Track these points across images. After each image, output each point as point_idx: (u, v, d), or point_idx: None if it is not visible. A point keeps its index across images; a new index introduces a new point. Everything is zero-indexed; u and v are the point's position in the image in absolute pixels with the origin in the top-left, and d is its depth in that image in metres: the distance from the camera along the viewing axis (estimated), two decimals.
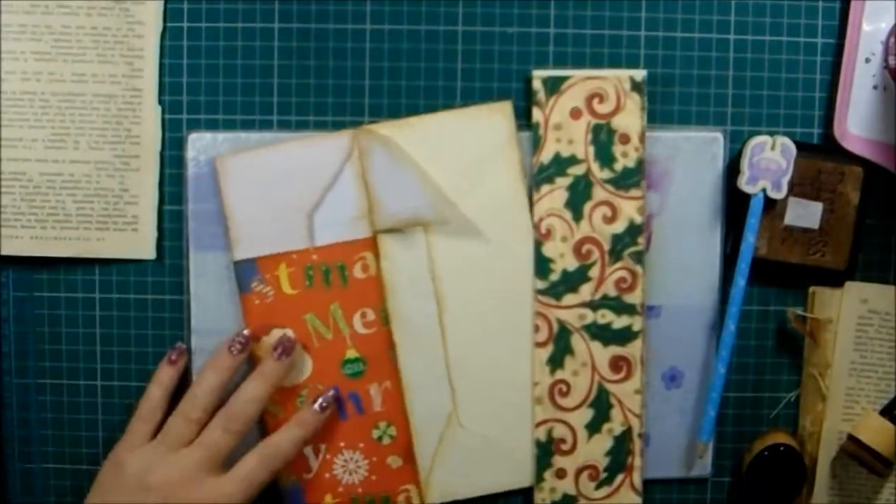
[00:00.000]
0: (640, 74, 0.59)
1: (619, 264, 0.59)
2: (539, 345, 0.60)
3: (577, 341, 0.60)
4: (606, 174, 0.59)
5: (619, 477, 0.61)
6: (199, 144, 0.59)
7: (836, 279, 0.60)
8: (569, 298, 0.60)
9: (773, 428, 0.62)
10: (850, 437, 0.59)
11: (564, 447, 0.60)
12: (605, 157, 0.59)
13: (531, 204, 0.59)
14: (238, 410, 0.56)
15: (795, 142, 0.59)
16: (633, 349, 0.60)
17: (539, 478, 0.61)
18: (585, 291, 0.60)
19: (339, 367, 0.60)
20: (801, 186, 0.59)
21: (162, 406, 0.58)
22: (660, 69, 0.60)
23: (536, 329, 0.60)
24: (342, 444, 0.60)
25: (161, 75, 0.59)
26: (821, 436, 0.60)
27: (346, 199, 0.59)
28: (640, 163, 0.59)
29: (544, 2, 0.60)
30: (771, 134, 0.60)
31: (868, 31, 0.59)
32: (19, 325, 0.61)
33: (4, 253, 0.60)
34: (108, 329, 0.61)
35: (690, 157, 0.60)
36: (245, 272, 0.59)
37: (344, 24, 0.60)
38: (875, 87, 0.60)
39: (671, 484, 0.62)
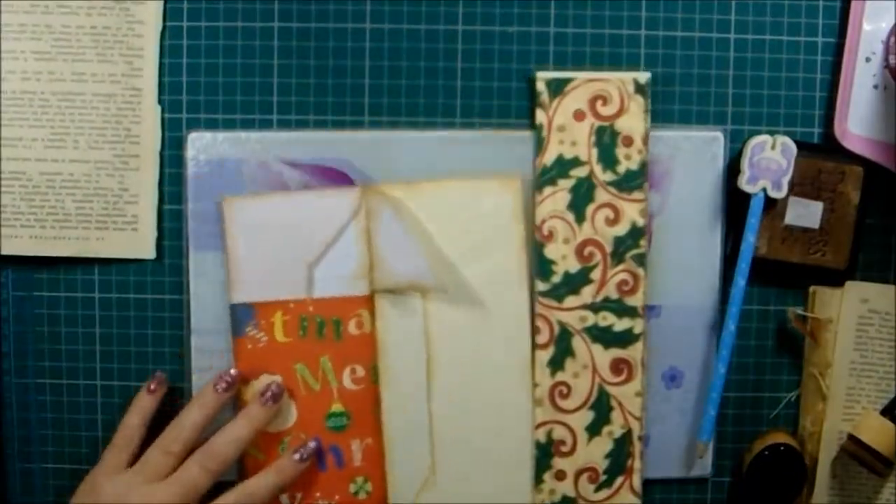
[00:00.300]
0: (643, 77, 0.59)
1: (620, 267, 0.59)
2: (540, 346, 0.60)
3: (578, 343, 0.60)
4: (609, 176, 0.59)
5: (619, 479, 0.61)
6: (199, 144, 0.59)
7: (836, 279, 0.60)
8: (570, 300, 0.60)
9: (774, 428, 0.62)
10: (851, 437, 0.59)
11: (564, 449, 0.60)
12: (609, 160, 0.59)
13: (529, 280, 0.60)
14: (218, 450, 0.56)
15: (796, 141, 0.59)
16: (634, 352, 0.60)
17: (538, 479, 0.61)
18: (587, 293, 0.60)
19: (324, 419, 0.60)
20: (802, 186, 0.59)
21: (139, 434, 0.58)
22: (660, 68, 0.60)
23: (537, 331, 0.60)
24: (318, 495, 0.60)
25: (161, 74, 0.59)
26: (821, 435, 0.60)
27: (348, 255, 0.59)
28: (643, 165, 0.59)
29: (544, 1, 0.60)
30: (771, 133, 0.60)
31: (868, 31, 0.59)
32: (19, 324, 0.61)
33: (4, 252, 0.60)
34: (108, 329, 0.61)
35: (691, 156, 0.60)
36: (241, 315, 0.59)
37: (344, 24, 0.60)
38: (875, 87, 0.59)
39: (671, 484, 0.62)
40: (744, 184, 0.58)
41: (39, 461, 0.62)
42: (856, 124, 0.60)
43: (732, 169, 0.60)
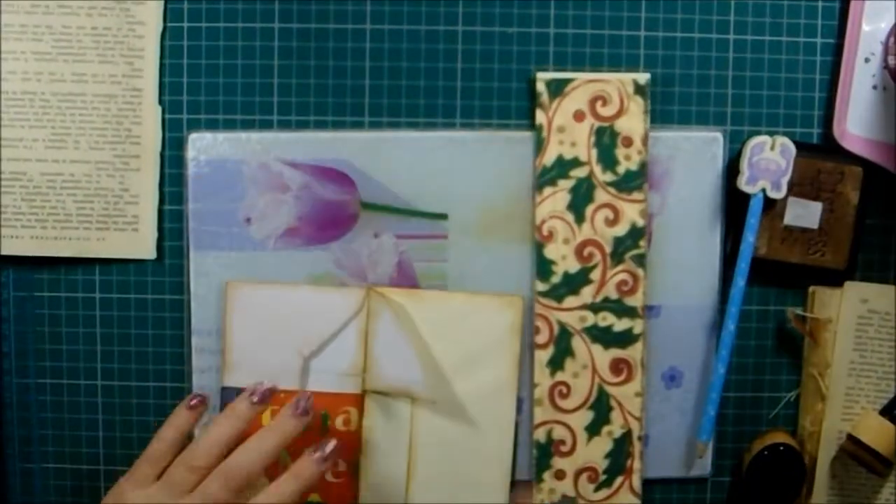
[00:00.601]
0: (643, 78, 0.59)
1: (620, 267, 0.59)
2: (539, 346, 0.60)
3: (578, 343, 0.60)
4: (609, 177, 0.59)
5: (619, 479, 0.61)
6: (200, 144, 0.59)
7: (836, 279, 0.60)
8: (570, 300, 0.60)
9: (773, 428, 0.62)
10: (850, 437, 0.59)
11: (564, 448, 0.60)
12: (608, 160, 0.59)
13: (518, 395, 0.60)
14: (241, 464, 0.53)
15: (795, 142, 0.59)
16: (634, 352, 0.60)
17: (539, 478, 0.61)
18: (587, 294, 0.60)
19: None
20: (801, 186, 0.59)
21: (173, 450, 0.54)
22: (660, 69, 0.60)
23: (537, 331, 0.60)
24: None
25: (161, 75, 0.59)
26: (820, 435, 0.60)
27: (344, 353, 0.60)
28: (643, 165, 0.59)
29: (544, 2, 0.60)
30: (771, 134, 0.60)
31: (867, 31, 0.59)
32: (19, 324, 0.61)
33: (5, 253, 0.60)
34: (109, 329, 0.61)
35: (690, 157, 0.60)
36: (230, 399, 0.58)
37: (344, 24, 0.60)
38: (874, 87, 0.60)
39: (671, 484, 0.63)
40: (743, 184, 0.58)
41: (40, 461, 0.62)
42: (855, 125, 0.60)
43: (732, 169, 0.60)
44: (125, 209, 0.60)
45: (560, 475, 0.61)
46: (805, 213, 0.60)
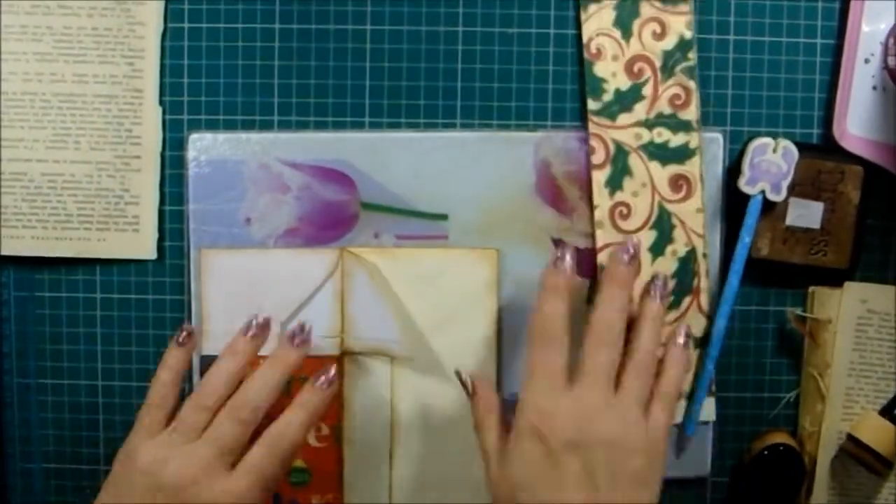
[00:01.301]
0: None
1: (671, 81, 0.58)
2: (596, 167, 0.59)
3: (635, 161, 0.58)
4: None
5: (686, 300, 0.59)
6: (200, 145, 0.60)
7: (838, 279, 0.60)
8: (623, 118, 0.58)
9: (773, 428, 0.62)
10: (850, 437, 0.59)
11: None
12: None
13: (497, 352, 0.60)
14: (247, 398, 0.52)
15: (795, 142, 0.59)
16: (692, 167, 0.59)
17: None
18: (640, 110, 0.58)
19: (286, 474, 0.58)
20: (802, 186, 0.59)
21: (174, 391, 0.54)
22: None
23: (592, 150, 0.59)
24: None
25: (162, 76, 0.60)
26: (820, 435, 0.60)
27: (320, 315, 0.60)
28: None
29: (544, 2, 0.60)
30: (771, 134, 0.60)
31: (867, 32, 0.59)
32: (20, 324, 0.61)
33: (5, 253, 0.60)
34: (109, 329, 0.61)
35: None
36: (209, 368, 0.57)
37: (344, 25, 0.60)
38: (874, 88, 0.60)
39: (670, 483, 0.62)
40: (743, 185, 0.58)
41: (40, 461, 0.62)
42: (855, 125, 0.60)
43: (733, 170, 0.60)
44: (126, 209, 0.60)
45: None
46: (806, 214, 0.60)
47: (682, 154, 0.59)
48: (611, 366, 0.51)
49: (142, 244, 0.60)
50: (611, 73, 0.59)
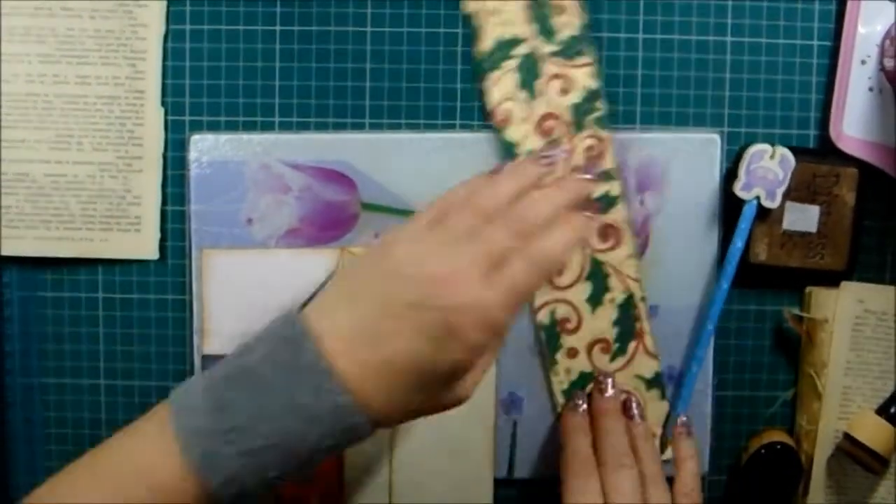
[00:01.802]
0: None
1: (584, 133, 0.59)
2: None
3: None
4: (551, 47, 0.59)
5: (632, 345, 0.60)
6: (202, 146, 0.60)
7: (836, 281, 0.61)
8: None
9: (770, 426, 0.62)
10: (847, 436, 0.59)
11: (570, 326, 0.60)
12: (547, 31, 0.59)
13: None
14: (527, 214, 0.46)
15: (789, 146, 0.59)
16: (617, 214, 0.59)
17: (552, 360, 0.60)
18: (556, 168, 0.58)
19: None
20: (798, 191, 0.60)
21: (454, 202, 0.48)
22: (658, 71, 0.61)
23: None
24: None
25: (164, 77, 0.60)
26: (817, 434, 0.61)
27: None
28: (583, 28, 0.59)
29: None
30: (768, 136, 0.60)
31: (864, 34, 0.60)
32: (23, 324, 0.62)
33: (8, 253, 0.60)
34: (112, 329, 0.61)
35: (688, 158, 0.61)
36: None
37: (345, 27, 0.60)
38: (871, 90, 0.60)
39: (669, 482, 0.63)
40: (738, 189, 0.59)
41: (44, 460, 0.62)
42: (851, 127, 0.60)
43: (732, 173, 0.60)
44: (128, 210, 0.60)
45: (572, 353, 0.60)
46: (803, 217, 0.60)
47: (606, 203, 0.59)
48: (636, 489, 0.56)
49: (144, 244, 0.60)
50: (522, 135, 0.59)
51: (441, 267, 0.44)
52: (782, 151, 0.58)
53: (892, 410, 0.60)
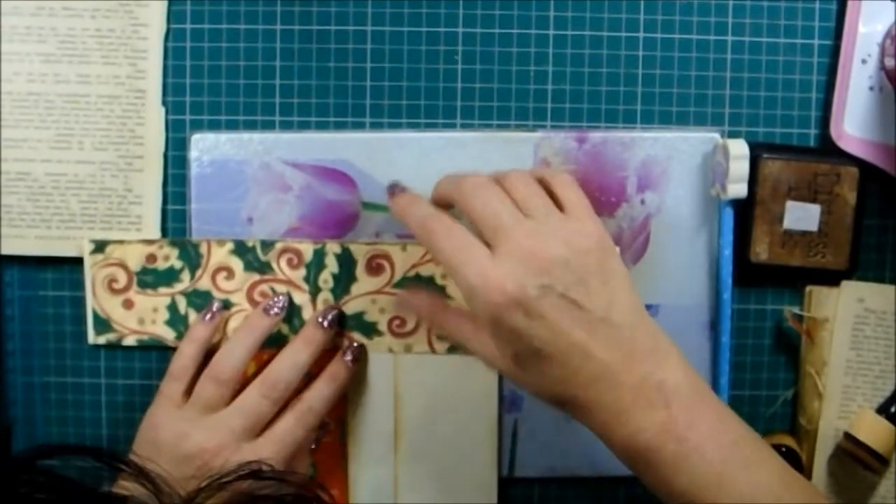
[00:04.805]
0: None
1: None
2: None
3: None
4: None
5: None
6: (202, 145, 0.60)
7: (837, 280, 0.61)
8: None
9: (773, 430, 0.62)
10: (847, 435, 0.59)
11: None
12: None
13: None
14: (279, 376, 0.53)
15: (790, 145, 0.59)
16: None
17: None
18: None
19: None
20: (798, 190, 0.60)
21: (195, 364, 0.55)
22: (658, 70, 0.61)
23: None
24: None
25: (164, 76, 0.60)
26: (817, 434, 0.61)
27: None
28: None
29: (544, 3, 0.60)
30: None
31: (864, 33, 0.59)
32: (24, 323, 0.62)
33: (9, 252, 0.60)
34: None
35: (688, 157, 0.61)
36: None
37: (345, 26, 0.60)
38: (871, 89, 0.60)
39: None
40: (710, 189, 0.60)
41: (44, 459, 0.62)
42: (852, 126, 0.60)
43: None
44: (129, 209, 0.60)
45: None
46: (804, 216, 0.60)
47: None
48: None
49: None
50: None
51: (207, 440, 0.51)
52: (723, 141, 0.59)
53: (893, 410, 0.60)
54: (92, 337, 0.60)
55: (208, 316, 0.57)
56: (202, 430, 0.52)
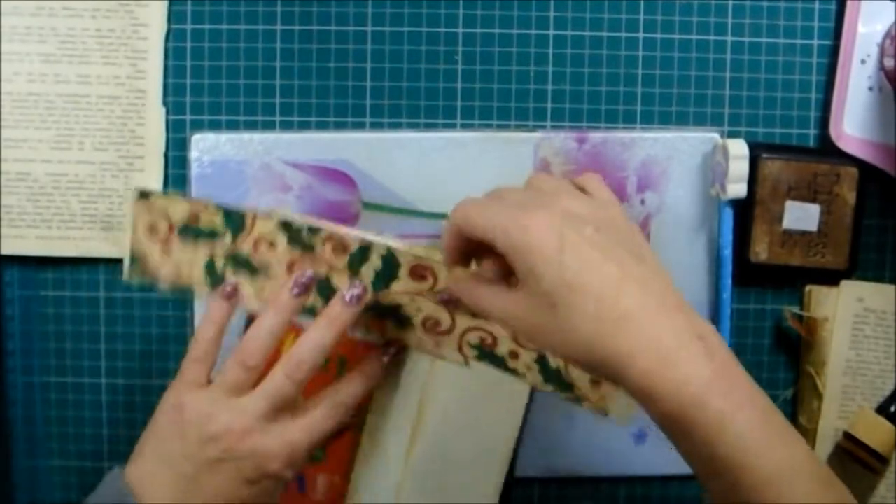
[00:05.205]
0: None
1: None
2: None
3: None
4: None
5: None
6: (203, 145, 0.60)
7: (836, 280, 0.61)
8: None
9: None
10: (847, 435, 0.59)
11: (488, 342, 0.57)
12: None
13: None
14: (302, 358, 0.52)
15: (789, 145, 0.59)
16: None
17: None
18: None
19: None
20: (798, 189, 0.60)
21: (216, 345, 0.54)
22: (658, 70, 0.61)
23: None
24: None
25: (165, 77, 0.60)
26: (817, 433, 0.61)
27: None
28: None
29: (543, 3, 0.60)
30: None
31: (864, 33, 0.60)
32: (24, 323, 0.62)
33: (10, 252, 0.60)
34: (113, 327, 0.62)
35: (688, 157, 0.61)
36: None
37: (345, 26, 0.60)
38: (871, 89, 0.60)
39: (671, 481, 0.63)
40: (710, 189, 0.60)
41: (44, 459, 0.62)
42: (852, 126, 0.60)
43: None
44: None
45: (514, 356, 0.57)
46: (803, 216, 0.60)
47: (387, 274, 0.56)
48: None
49: None
50: None
51: (233, 421, 0.51)
52: (723, 141, 0.59)
53: (892, 409, 0.60)
54: (127, 274, 0.57)
55: (227, 290, 0.55)
56: (228, 411, 0.51)
